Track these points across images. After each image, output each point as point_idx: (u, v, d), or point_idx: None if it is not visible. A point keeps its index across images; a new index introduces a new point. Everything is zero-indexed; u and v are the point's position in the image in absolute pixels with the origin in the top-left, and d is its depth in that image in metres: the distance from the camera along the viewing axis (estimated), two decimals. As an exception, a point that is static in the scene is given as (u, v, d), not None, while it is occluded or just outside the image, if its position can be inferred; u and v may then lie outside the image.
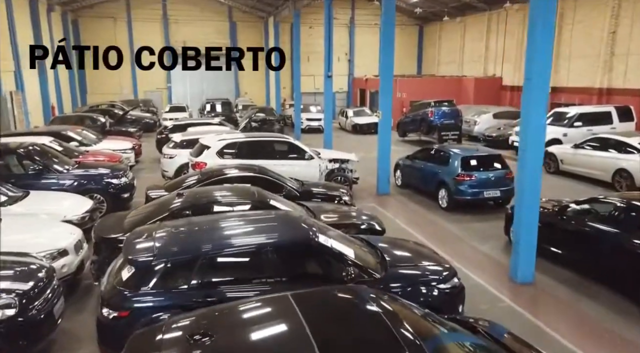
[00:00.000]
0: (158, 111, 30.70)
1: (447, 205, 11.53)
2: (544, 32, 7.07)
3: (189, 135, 14.19)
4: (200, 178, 9.42)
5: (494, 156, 11.65)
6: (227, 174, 9.59)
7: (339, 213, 8.41)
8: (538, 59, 7.11)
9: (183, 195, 7.52)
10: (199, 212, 6.94)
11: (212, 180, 9.40)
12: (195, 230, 5.61)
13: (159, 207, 7.30)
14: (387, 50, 12.65)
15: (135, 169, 16.36)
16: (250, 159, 12.03)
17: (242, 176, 9.64)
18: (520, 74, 25.71)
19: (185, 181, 9.46)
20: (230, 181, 9.44)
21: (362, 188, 13.69)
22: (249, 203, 7.42)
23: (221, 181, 9.42)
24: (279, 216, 6.13)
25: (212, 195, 7.52)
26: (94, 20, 30.98)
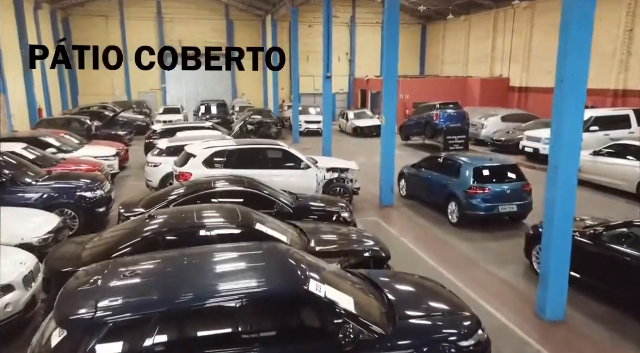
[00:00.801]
0: (152, 113, 29.62)
1: (458, 221, 10.41)
2: (582, 25, 5.96)
3: (176, 141, 13.09)
4: (183, 193, 8.33)
5: (509, 166, 10.53)
6: (212, 188, 8.50)
7: (337, 236, 7.30)
8: (574, 57, 6.01)
9: (155, 218, 6.42)
10: (171, 242, 5.88)
11: (196, 195, 8.32)
12: (154, 275, 4.51)
13: (125, 233, 6.19)
14: (391, 50, 11.55)
15: (121, 176, 15.31)
16: (240, 169, 10.93)
17: (229, 191, 8.56)
18: (529, 74, 24.66)
19: (166, 197, 8.36)
20: (215, 196, 8.38)
21: (363, 199, 12.59)
22: (231, 229, 6.32)
23: (205, 197, 8.36)
24: (261, 253, 4.99)
25: (188, 219, 6.40)
26: (85, 19, 29.89)
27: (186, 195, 8.29)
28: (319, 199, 9.71)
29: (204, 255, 4.86)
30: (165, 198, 8.27)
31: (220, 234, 6.17)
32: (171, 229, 6.15)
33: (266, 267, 4.57)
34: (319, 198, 9.78)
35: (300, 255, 4.99)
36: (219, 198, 8.39)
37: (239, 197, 8.58)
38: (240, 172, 10.79)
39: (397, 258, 7.51)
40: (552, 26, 23.08)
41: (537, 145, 16.81)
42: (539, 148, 16.71)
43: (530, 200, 10.30)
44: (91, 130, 18.31)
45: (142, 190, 12.85)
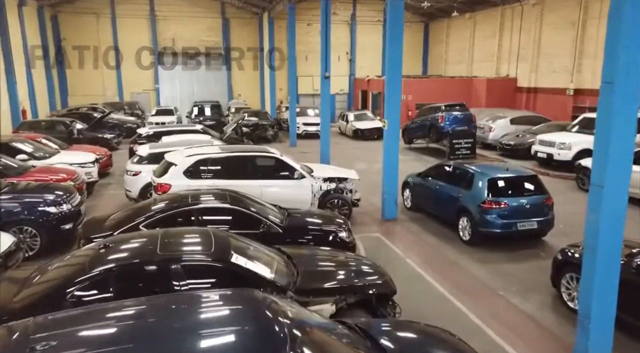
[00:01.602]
0: (144, 114, 28.49)
1: (470, 238, 9.24)
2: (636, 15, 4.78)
3: (158, 147, 11.91)
4: (154, 212, 7.17)
5: (528, 177, 9.35)
6: (188, 205, 7.34)
7: (333, 267, 6.16)
8: (628, 50, 4.83)
9: (109, 248, 5.26)
10: (124, 284, 4.76)
11: (168, 214, 7.18)
12: (90, 340, 3.35)
13: (70, 270, 5.04)
14: (394, 49, 10.43)
15: (102, 184, 14.16)
16: (226, 179, 9.82)
17: (208, 208, 7.41)
18: (537, 74, 23.47)
19: (134, 217, 7.20)
20: (192, 215, 7.24)
21: (364, 212, 11.42)
22: (201, 262, 5.16)
23: (180, 216, 7.22)
24: (227, 312, 3.81)
25: (147, 252, 5.23)
26: (74, 17, 28.74)
27: (157, 214, 7.14)
28: (312, 215, 8.55)
29: (159, 309, 3.70)
30: (133, 219, 7.12)
31: (187, 270, 5.01)
32: (124, 265, 4.98)
33: (231, 333, 3.39)
34: (313, 214, 8.62)
35: (280, 307, 3.81)
36: (196, 217, 7.25)
37: (220, 215, 7.47)
38: (227, 182, 9.69)
39: (402, 283, 6.38)
40: (562, 23, 21.94)
41: (551, 150, 15.64)
42: (552, 153, 15.54)
43: (552, 215, 9.14)
44: (72, 133, 17.13)
45: (123, 201, 11.74)
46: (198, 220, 7.23)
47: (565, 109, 21.61)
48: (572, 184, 14.07)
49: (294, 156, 19.79)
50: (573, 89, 21.31)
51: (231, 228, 7.32)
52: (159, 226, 7.07)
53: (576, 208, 11.63)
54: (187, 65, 31.54)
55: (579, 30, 20.83)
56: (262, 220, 7.45)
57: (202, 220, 7.25)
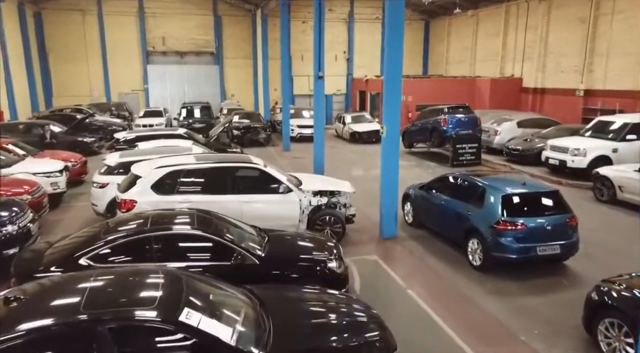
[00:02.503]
0: (132, 116, 27.21)
1: (481, 264, 8.00)
2: None
3: (130, 155, 10.63)
4: (101, 242, 5.92)
5: (549, 193, 8.09)
6: (143, 231, 6.09)
7: (321, 317, 4.92)
8: None
9: (17, 301, 4.00)
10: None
11: (118, 244, 5.93)
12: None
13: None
14: (394, 46, 9.21)
15: (73, 194, 12.91)
16: (201, 194, 8.59)
17: (168, 235, 6.15)
18: (544, 74, 22.26)
19: (76, 249, 5.94)
20: (147, 244, 5.99)
21: (360, 228, 10.18)
22: (139, 322, 3.91)
23: (133, 246, 5.97)
24: None
25: (69, 308, 3.98)
26: (59, 14, 27.43)
27: (107, 243, 5.89)
28: (297, 240, 7.29)
29: None
30: (75, 251, 5.87)
31: (118, 334, 3.76)
32: (32, 331, 3.71)
33: None
34: (298, 238, 7.36)
35: None
36: (154, 247, 5.99)
37: (183, 243, 6.23)
38: (202, 198, 8.48)
39: (402, 323, 5.25)
40: (571, 20, 20.71)
41: (564, 156, 14.39)
42: (565, 160, 14.30)
43: (576, 238, 7.89)
44: (45, 137, 15.85)
45: (93, 215, 10.49)
46: (156, 251, 5.98)
47: (575, 110, 20.37)
48: (589, 195, 12.83)
49: (287, 162, 18.64)
50: (583, 89, 20.06)
51: (196, 260, 6.11)
52: (108, 258, 5.87)
53: (596, 223, 10.44)
54: (177, 65, 30.31)
55: (590, 27, 19.57)
56: (234, 250, 6.20)
57: (161, 251, 6.00)
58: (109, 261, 5.84)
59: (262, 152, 20.77)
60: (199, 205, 8.26)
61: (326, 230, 9.15)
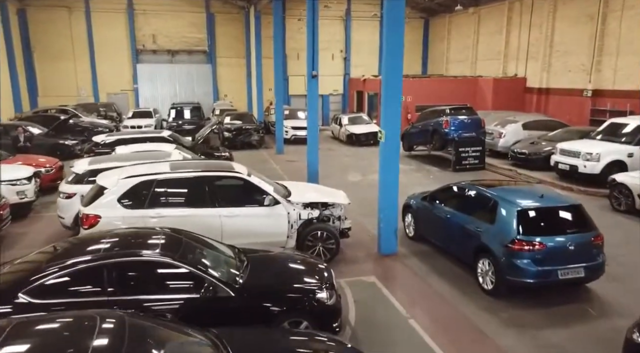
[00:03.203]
0: (120, 117, 26.18)
1: (494, 289, 7.01)
2: None
3: (100, 161, 9.59)
4: (42, 272, 4.93)
5: (571, 207, 7.09)
6: (96, 259, 5.09)
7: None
8: None
9: None
10: None
11: (67, 272, 4.94)
12: None
13: None
14: (394, 46, 8.23)
15: (45, 202, 11.95)
16: (176, 208, 7.60)
17: (123, 263, 5.15)
18: (549, 73, 21.34)
19: (18, 282, 4.96)
20: (97, 274, 5.00)
21: (356, 242, 9.19)
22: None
23: (85, 275, 4.98)
24: None
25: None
26: (44, 11, 26.34)
27: (50, 274, 4.89)
28: (281, 264, 6.31)
29: None
30: (12, 285, 4.88)
31: None
32: None
33: None
34: (283, 262, 6.37)
35: None
36: (106, 278, 4.99)
37: (143, 271, 5.23)
38: (176, 212, 7.50)
39: None
40: (578, 17, 19.78)
41: (575, 161, 13.43)
42: (577, 165, 13.33)
43: (603, 259, 6.91)
44: (18, 140, 14.81)
45: (60, 229, 9.49)
46: (110, 283, 4.98)
47: (582, 112, 19.42)
48: (604, 203, 11.86)
49: (280, 166, 17.63)
50: (591, 90, 19.11)
51: (158, 292, 5.12)
52: (52, 293, 4.89)
53: (617, 236, 9.45)
54: (168, 64, 29.29)
55: (599, 24, 18.62)
56: (205, 279, 5.20)
57: (116, 282, 5.01)
58: (53, 297, 4.86)
59: (254, 155, 19.81)
60: (173, 220, 7.31)
61: (318, 247, 8.17)
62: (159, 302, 5.03)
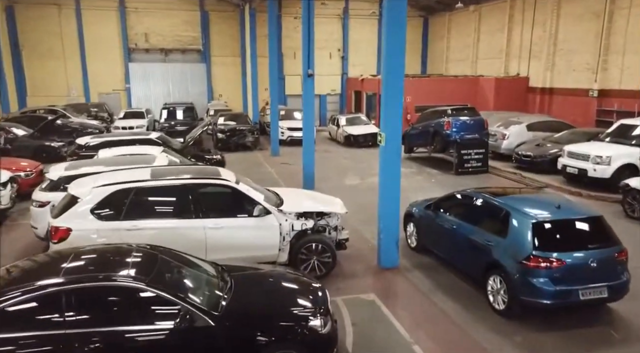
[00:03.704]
0: (112, 117, 25.44)
1: (506, 309, 6.34)
2: None
3: (77, 167, 8.88)
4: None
5: (591, 219, 6.42)
6: (55, 284, 4.41)
7: None
8: None
9: None
10: None
11: (21, 299, 4.26)
12: None
13: None
14: (395, 44, 7.55)
15: (22, 210, 11.16)
16: (156, 219, 6.90)
17: (87, 289, 4.47)
18: (553, 73, 20.71)
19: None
20: (61, 299, 4.32)
21: (354, 254, 8.52)
22: None
23: (43, 301, 4.31)
24: None
25: None
26: (33, 8, 25.55)
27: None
28: (271, 282, 5.64)
29: None
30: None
31: None
32: None
33: None
34: (272, 280, 5.70)
35: None
36: (64, 305, 4.31)
37: (110, 297, 4.55)
38: (156, 223, 6.82)
39: None
40: (584, 15, 19.14)
41: (584, 164, 12.77)
42: (586, 168, 12.68)
43: (627, 277, 6.24)
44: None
45: (35, 240, 8.80)
46: (68, 312, 4.29)
47: (588, 112, 18.78)
48: (616, 209, 11.20)
49: (275, 169, 16.94)
50: (597, 89, 18.47)
51: (124, 323, 4.43)
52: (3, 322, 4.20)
53: (632, 246, 8.68)
54: (161, 63, 28.55)
55: (605, 22, 17.99)
56: (181, 306, 4.51)
57: (76, 311, 4.32)
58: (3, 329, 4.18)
59: (248, 157, 19.13)
60: (152, 233, 6.65)
61: (312, 261, 7.50)
62: (125, 334, 4.35)
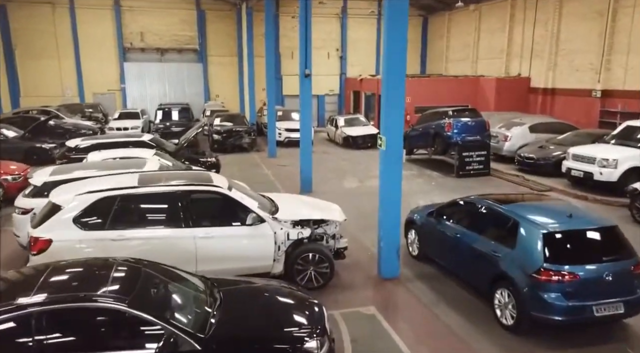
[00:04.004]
0: (106, 118, 25.01)
1: (515, 325, 5.96)
2: None
3: (62, 172, 8.47)
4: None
5: (605, 229, 6.04)
6: (22, 306, 4.01)
7: None
8: None
9: None
10: None
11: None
12: None
13: None
14: (396, 41, 7.47)
15: (8, 216, 10.71)
16: (142, 228, 6.51)
17: (60, 311, 4.08)
18: (555, 73, 20.35)
19: None
20: (30, 323, 3.92)
21: (353, 263, 8.13)
22: None
23: (10, 327, 3.91)
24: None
25: None
26: (26, 7, 25.08)
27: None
28: (264, 299, 5.25)
29: None
30: None
31: None
32: None
33: None
34: (265, 296, 5.32)
35: None
36: (34, 328, 3.92)
37: (85, 319, 4.16)
38: (142, 233, 6.43)
39: None
40: (587, 13, 18.76)
41: (590, 167, 12.40)
42: (592, 172, 12.31)
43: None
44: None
45: (19, 249, 8.39)
46: (38, 336, 3.90)
47: (591, 113, 18.42)
48: (623, 214, 10.84)
49: (271, 171, 16.53)
50: (600, 90, 18.11)
51: (101, 348, 4.04)
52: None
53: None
54: (157, 63, 28.13)
55: (609, 21, 17.63)
56: (164, 329, 4.12)
57: (50, 334, 3.93)
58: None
59: (244, 159, 18.74)
60: (139, 243, 6.27)
61: (309, 272, 7.11)
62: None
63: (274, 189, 13.34)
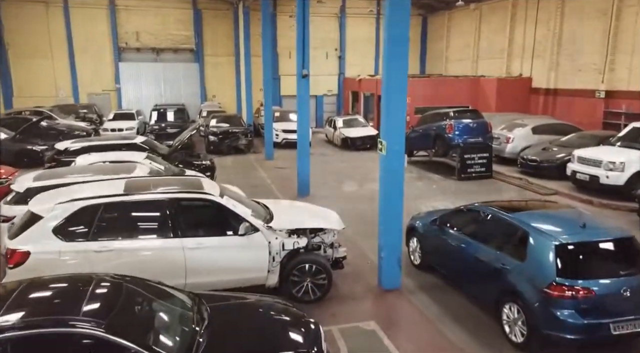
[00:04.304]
0: (101, 119, 24.58)
1: (525, 342, 5.58)
2: None
3: (47, 177, 8.07)
4: None
5: (621, 240, 5.67)
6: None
7: None
8: None
9: None
10: None
11: None
12: None
13: None
14: (397, 40, 7.13)
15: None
16: (128, 239, 6.11)
17: (29, 337, 3.68)
18: (557, 73, 19.99)
19: None
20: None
21: (352, 272, 7.75)
22: None
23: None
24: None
25: None
26: (19, 6, 24.63)
27: None
28: (255, 317, 4.86)
29: None
30: None
31: None
32: None
33: None
34: (257, 314, 4.93)
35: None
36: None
37: (58, 345, 3.76)
38: (128, 244, 6.05)
39: None
40: (590, 13, 18.42)
41: (596, 170, 12.04)
42: (598, 175, 11.95)
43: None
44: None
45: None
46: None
47: (594, 114, 18.06)
48: (631, 219, 10.49)
49: (268, 174, 16.13)
50: (604, 90, 17.76)
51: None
52: None
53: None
54: (153, 63, 27.71)
55: (612, 20, 17.28)
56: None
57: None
58: None
59: (240, 161, 18.36)
60: (124, 255, 5.87)
61: (306, 284, 6.73)
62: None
63: (270, 193, 12.96)
